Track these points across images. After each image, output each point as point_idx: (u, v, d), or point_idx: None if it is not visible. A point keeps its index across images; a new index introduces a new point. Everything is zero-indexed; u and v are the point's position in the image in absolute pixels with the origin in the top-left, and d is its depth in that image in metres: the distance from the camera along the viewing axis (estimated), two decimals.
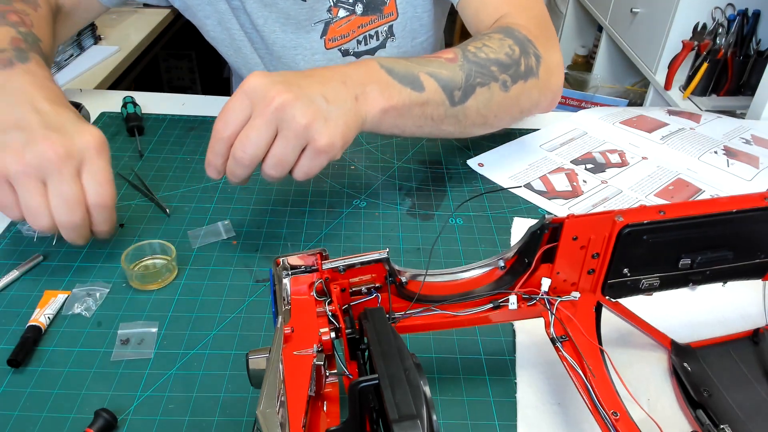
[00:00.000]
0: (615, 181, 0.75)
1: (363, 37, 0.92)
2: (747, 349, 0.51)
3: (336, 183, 0.74)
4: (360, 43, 0.93)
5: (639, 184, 0.75)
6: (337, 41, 0.91)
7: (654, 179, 0.76)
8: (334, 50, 0.92)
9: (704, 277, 0.47)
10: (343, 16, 0.89)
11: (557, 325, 0.44)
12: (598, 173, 0.77)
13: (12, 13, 0.68)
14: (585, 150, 0.82)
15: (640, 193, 0.73)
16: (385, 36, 0.94)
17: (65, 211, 0.53)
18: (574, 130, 0.87)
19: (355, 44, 0.93)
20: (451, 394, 0.48)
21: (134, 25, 1.57)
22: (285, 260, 0.42)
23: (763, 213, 0.44)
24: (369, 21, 0.91)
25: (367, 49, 0.94)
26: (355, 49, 0.93)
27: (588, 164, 0.79)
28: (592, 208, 0.70)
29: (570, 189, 0.74)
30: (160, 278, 0.58)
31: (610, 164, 0.79)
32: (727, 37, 1.45)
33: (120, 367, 0.49)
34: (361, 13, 0.89)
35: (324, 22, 0.89)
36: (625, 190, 0.74)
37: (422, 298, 0.44)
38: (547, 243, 0.44)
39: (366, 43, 0.93)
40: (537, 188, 0.74)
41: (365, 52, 0.94)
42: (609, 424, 0.38)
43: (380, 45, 0.95)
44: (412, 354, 0.34)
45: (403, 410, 0.29)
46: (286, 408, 0.32)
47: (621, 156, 0.81)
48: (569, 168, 0.78)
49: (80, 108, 0.81)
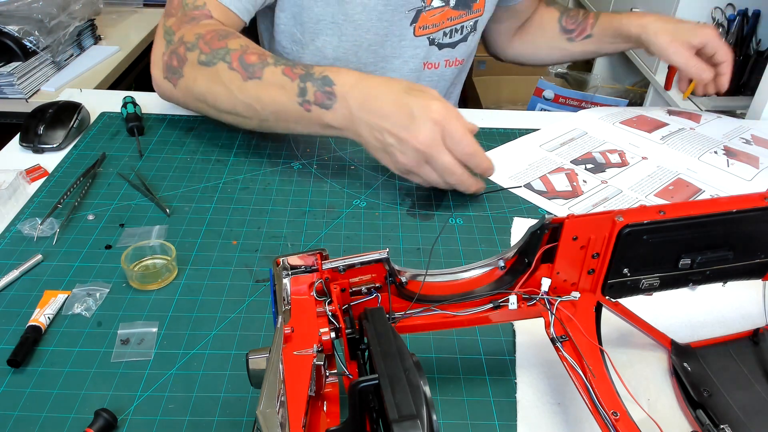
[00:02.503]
0: (615, 181, 0.75)
1: (450, 30, 0.95)
2: (747, 349, 0.51)
3: (336, 183, 0.74)
4: (446, 35, 0.95)
5: (639, 184, 0.75)
6: (427, 29, 0.92)
7: (654, 179, 0.76)
8: (422, 38, 0.93)
9: (704, 277, 0.47)
10: (437, 6, 0.91)
11: (557, 325, 0.44)
12: (598, 173, 0.77)
13: (251, 54, 0.71)
14: (585, 150, 0.82)
15: (640, 193, 0.73)
16: (469, 30, 0.97)
17: (448, 177, 0.67)
18: (574, 130, 0.87)
19: (442, 35, 0.95)
20: (451, 394, 0.48)
21: (134, 25, 1.57)
22: (285, 260, 0.42)
23: (763, 213, 0.44)
24: (458, 15, 0.94)
25: (450, 42, 0.96)
26: (440, 41, 0.95)
27: (588, 164, 0.79)
28: (592, 208, 0.71)
29: (570, 189, 0.74)
30: (160, 278, 0.58)
31: (610, 164, 0.79)
32: (727, 37, 1.45)
33: (120, 367, 0.49)
34: (453, 5, 0.92)
35: (416, 10, 0.90)
36: (625, 190, 0.74)
37: (422, 298, 0.44)
38: (547, 243, 0.44)
39: (451, 36, 0.96)
40: (537, 188, 0.74)
41: (447, 45, 0.96)
42: (609, 424, 0.38)
43: (462, 39, 0.97)
44: (411, 354, 0.34)
45: (403, 410, 0.29)
46: (286, 408, 0.32)
47: (621, 156, 0.81)
48: (569, 168, 0.78)
49: (80, 108, 0.81)
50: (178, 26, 0.77)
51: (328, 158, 0.78)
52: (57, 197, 0.67)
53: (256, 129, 0.76)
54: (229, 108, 0.73)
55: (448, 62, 0.99)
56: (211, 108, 0.75)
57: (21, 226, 0.63)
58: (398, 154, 0.65)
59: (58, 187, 0.70)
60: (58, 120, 0.78)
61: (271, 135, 0.82)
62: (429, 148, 0.63)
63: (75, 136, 0.79)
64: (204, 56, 0.72)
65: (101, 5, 1.43)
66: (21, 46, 1.18)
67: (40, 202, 0.68)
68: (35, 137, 0.77)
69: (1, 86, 1.17)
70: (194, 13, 0.77)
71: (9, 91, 1.18)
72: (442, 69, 0.99)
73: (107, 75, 1.32)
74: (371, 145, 0.67)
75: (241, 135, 0.82)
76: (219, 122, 0.84)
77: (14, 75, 1.16)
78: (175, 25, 0.77)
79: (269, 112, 0.70)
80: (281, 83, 0.68)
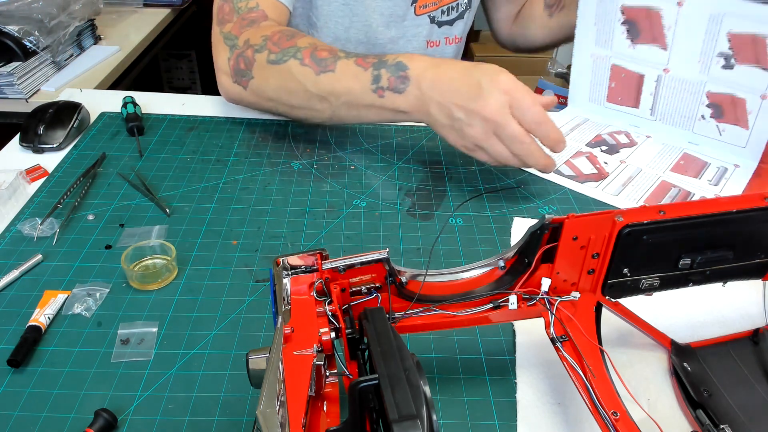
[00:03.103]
0: (632, 160, 0.78)
1: (447, 8, 0.96)
2: (747, 349, 0.51)
3: (336, 183, 0.74)
4: (444, 13, 0.97)
5: (653, 161, 0.78)
6: (427, 8, 0.94)
7: (664, 156, 0.79)
8: (423, 17, 0.95)
9: (704, 277, 0.47)
10: None
11: (557, 325, 0.44)
12: (614, 154, 0.79)
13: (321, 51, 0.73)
14: (594, 133, 0.84)
15: (658, 170, 0.75)
16: (465, 8, 0.99)
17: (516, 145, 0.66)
18: (575, 118, 0.88)
19: (440, 13, 0.96)
20: (451, 394, 0.48)
21: (134, 25, 1.57)
22: (285, 260, 0.42)
23: (763, 213, 0.44)
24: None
25: (448, 20, 0.98)
26: (438, 18, 0.97)
27: (602, 146, 0.81)
28: (623, 189, 0.73)
29: (596, 171, 0.76)
30: (160, 278, 0.58)
31: (621, 145, 0.82)
32: None
33: (120, 367, 0.49)
34: None
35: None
36: (645, 168, 0.76)
37: (422, 298, 0.44)
38: (547, 243, 0.44)
39: (449, 14, 0.97)
40: (566, 173, 0.76)
41: (446, 23, 0.98)
42: (609, 424, 0.38)
43: (459, 16, 0.99)
44: (412, 354, 0.34)
45: (403, 410, 0.29)
46: (286, 408, 0.32)
47: (628, 136, 0.83)
48: (587, 150, 0.80)
49: (80, 108, 0.81)
50: (238, 30, 0.78)
51: (328, 158, 0.78)
52: (57, 197, 0.67)
53: (326, 122, 0.78)
54: (302, 103, 0.75)
55: (447, 40, 1.00)
56: (284, 105, 0.77)
57: (21, 226, 0.63)
58: (466, 127, 0.66)
59: (58, 187, 0.70)
60: (58, 120, 0.78)
61: (272, 135, 0.82)
62: (497, 116, 0.64)
63: (75, 136, 0.79)
64: (274, 55, 0.73)
65: (101, 5, 1.42)
66: (21, 46, 1.18)
67: (40, 202, 0.67)
68: (35, 137, 0.77)
69: (1, 86, 1.17)
70: (251, 15, 0.79)
71: (9, 91, 1.18)
72: (443, 47, 1.00)
73: (107, 75, 1.32)
74: (439, 123, 0.69)
75: (241, 135, 0.82)
76: (219, 122, 0.84)
77: (14, 75, 1.16)
78: (235, 29, 0.78)
79: (342, 101, 0.72)
80: (355, 73, 0.71)
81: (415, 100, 0.69)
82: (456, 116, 0.66)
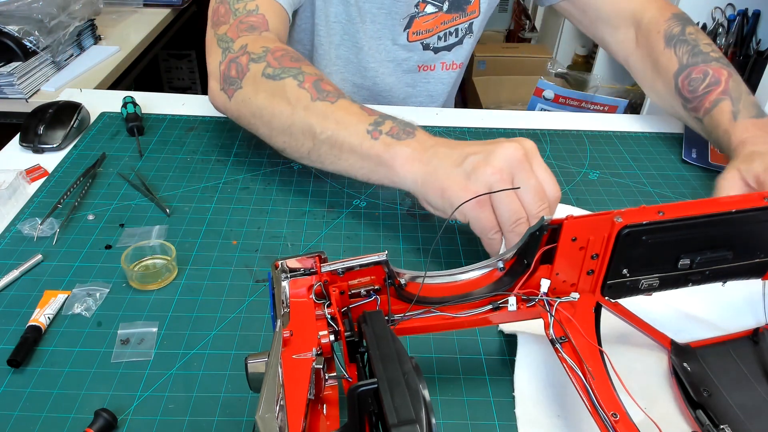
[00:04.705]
0: None
1: (444, 33, 0.95)
2: (747, 349, 0.51)
3: (336, 183, 0.74)
4: (441, 39, 0.96)
5: None
6: (420, 35, 0.93)
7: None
8: (416, 43, 0.94)
9: (704, 276, 0.47)
10: (430, 12, 0.91)
11: (557, 327, 0.44)
12: None
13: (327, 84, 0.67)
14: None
15: None
16: (464, 33, 0.97)
17: (537, 201, 0.55)
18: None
19: (436, 40, 0.95)
20: (451, 395, 0.48)
21: (134, 25, 1.57)
22: (284, 263, 0.42)
23: (763, 213, 0.44)
24: (451, 18, 0.94)
25: (446, 45, 0.97)
26: (435, 45, 0.96)
27: None
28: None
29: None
30: (160, 278, 0.58)
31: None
32: (727, 37, 1.45)
33: (120, 367, 0.49)
34: (446, 10, 0.92)
35: (410, 16, 0.90)
36: None
37: (421, 300, 0.44)
38: (546, 244, 0.44)
39: (446, 40, 0.96)
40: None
41: (443, 48, 0.97)
42: (609, 426, 0.38)
43: (458, 42, 0.98)
44: (411, 357, 0.34)
45: (402, 414, 0.29)
46: (286, 412, 0.32)
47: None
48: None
49: (80, 108, 0.81)
50: (235, 33, 0.73)
51: None
52: (57, 197, 0.67)
53: (302, 158, 0.68)
54: (284, 127, 0.66)
55: (444, 65, 0.98)
56: (265, 126, 0.69)
57: (21, 226, 0.63)
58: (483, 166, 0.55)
59: (58, 187, 0.70)
60: (58, 120, 0.78)
61: None
62: (522, 156, 0.55)
63: (75, 136, 0.79)
64: (271, 69, 0.67)
65: (101, 5, 1.43)
66: (21, 46, 1.18)
67: (40, 202, 0.68)
68: (35, 137, 0.77)
69: (1, 86, 1.17)
70: (250, 19, 0.74)
71: (9, 91, 1.18)
72: (438, 72, 0.98)
73: (107, 75, 1.32)
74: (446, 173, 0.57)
75: (241, 135, 0.82)
76: (219, 122, 0.84)
77: (14, 75, 1.16)
78: (231, 32, 0.73)
79: (327, 136, 0.63)
80: (355, 111, 0.64)
81: (415, 148, 0.60)
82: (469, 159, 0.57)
